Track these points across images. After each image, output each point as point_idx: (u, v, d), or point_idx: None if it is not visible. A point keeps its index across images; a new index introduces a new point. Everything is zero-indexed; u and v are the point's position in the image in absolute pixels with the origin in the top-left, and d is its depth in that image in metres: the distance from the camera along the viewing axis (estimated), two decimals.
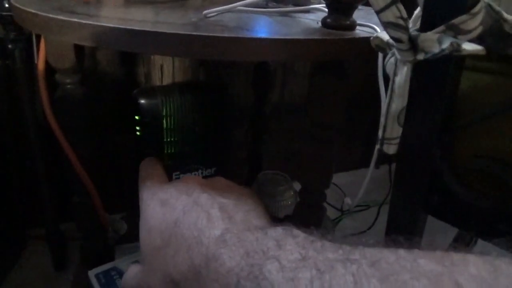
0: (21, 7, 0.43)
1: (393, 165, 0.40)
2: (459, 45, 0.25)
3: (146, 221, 0.33)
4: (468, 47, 0.25)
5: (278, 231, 0.26)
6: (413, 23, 0.33)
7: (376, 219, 0.97)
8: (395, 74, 0.32)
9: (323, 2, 0.56)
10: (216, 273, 0.25)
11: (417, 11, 0.35)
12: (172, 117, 0.69)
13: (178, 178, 0.73)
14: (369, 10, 0.60)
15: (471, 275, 0.19)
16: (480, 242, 0.57)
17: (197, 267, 0.27)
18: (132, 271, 0.34)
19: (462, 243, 0.60)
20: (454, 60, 0.29)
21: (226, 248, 0.26)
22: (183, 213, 0.30)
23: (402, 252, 0.21)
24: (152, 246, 0.31)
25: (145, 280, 0.32)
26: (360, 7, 0.45)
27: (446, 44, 0.25)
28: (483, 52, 0.26)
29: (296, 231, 0.26)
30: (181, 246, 0.29)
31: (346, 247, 0.23)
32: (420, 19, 0.30)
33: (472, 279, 0.19)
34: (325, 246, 0.24)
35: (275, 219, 0.33)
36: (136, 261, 0.35)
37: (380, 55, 0.39)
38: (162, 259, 0.30)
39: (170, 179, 0.40)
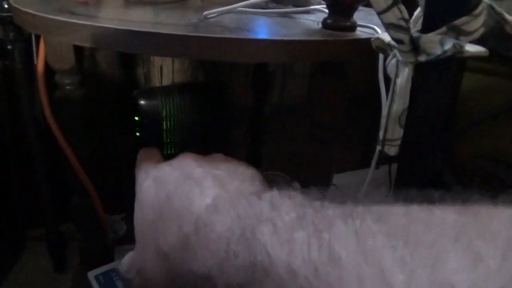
0: (20, 8, 0.43)
1: (393, 166, 0.40)
2: (461, 47, 0.25)
3: (140, 200, 0.31)
4: (471, 48, 0.25)
5: (273, 194, 0.24)
6: (413, 24, 0.33)
7: None
8: (396, 76, 0.32)
9: (323, 3, 0.56)
10: (206, 239, 0.24)
11: (417, 12, 0.35)
12: (171, 118, 0.69)
13: None
14: (369, 11, 0.60)
15: (496, 229, 0.16)
16: None
17: (186, 236, 0.25)
18: (128, 254, 0.33)
19: None
20: (455, 62, 0.29)
21: (217, 215, 0.25)
22: (175, 186, 0.29)
23: (414, 206, 0.19)
24: (144, 222, 0.30)
25: (138, 257, 0.30)
26: (360, 8, 0.45)
27: (448, 45, 0.25)
28: (486, 54, 0.25)
29: (294, 192, 0.24)
30: (171, 218, 0.27)
31: (349, 205, 0.21)
32: (420, 19, 0.30)
33: (498, 233, 0.16)
34: (325, 204, 0.22)
35: None
36: None
37: (381, 56, 0.39)
38: (154, 234, 0.28)
39: None
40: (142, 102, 0.68)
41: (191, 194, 0.28)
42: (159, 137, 0.69)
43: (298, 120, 1.05)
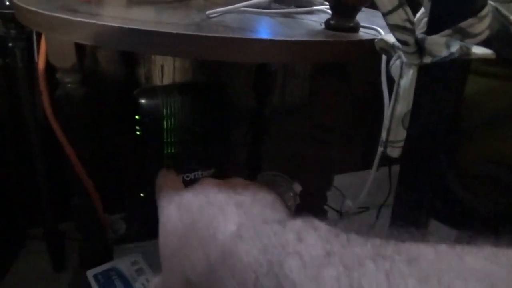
0: (23, 5, 0.43)
1: (394, 167, 0.40)
2: (468, 49, 0.25)
3: (164, 226, 0.32)
4: (478, 51, 0.25)
5: (297, 223, 0.24)
6: (417, 24, 0.33)
7: (376, 221, 0.97)
8: (400, 77, 0.32)
9: (326, 3, 0.56)
10: (233, 269, 0.24)
11: (420, 13, 0.35)
12: (172, 118, 0.69)
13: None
14: (372, 12, 0.60)
15: None
16: None
17: (213, 264, 0.26)
18: (153, 281, 0.34)
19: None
20: (460, 64, 0.29)
21: (242, 243, 0.25)
22: (199, 213, 0.30)
23: (443, 247, 0.19)
24: (169, 250, 0.31)
25: (164, 284, 0.31)
26: (363, 9, 0.45)
27: (455, 47, 0.25)
28: (493, 56, 0.25)
29: (318, 223, 0.24)
30: (197, 245, 0.28)
31: (376, 240, 0.21)
32: (422, 21, 0.30)
33: None
34: (352, 239, 0.22)
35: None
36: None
37: (384, 58, 0.39)
38: (180, 261, 0.29)
39: None
40: (142, 101, 0.68)
41: (215, 221, 0.28)
42: (159, 136, 0.69)
43: (298, 121, 1.05)
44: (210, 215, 0.29)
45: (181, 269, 0.29)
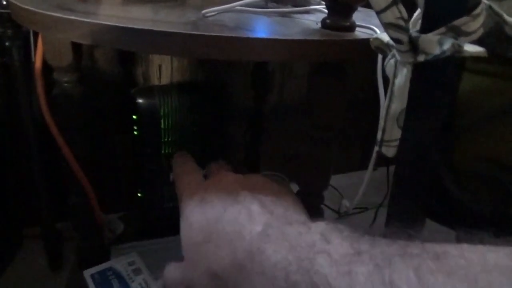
0: (19, 4, 0.43)
1: (391, 168, 0.40)
2: (460, 46, 0.25)
3: (187, 219, 0.33)
4: (470, 48, 0.25)
5: (321, 225, 0.25)
6: (412, 25, 0.33)
7: (373, 221, 0.97)
8: (395, 76, 0.32)
9: (323, 3, 0.56)
10: (261, 266, 0.25)
11: (416, 13, 0.35)
12: (170, 117, 0.69)
13: None
14: (368, 12, 0.60)
15: None
16: None
17: (240, 261, 0.27)
18: (173, 267, 0.35)
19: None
20: (454, 62, 0.29)
21: (269, 243, 0.26)
22: (224, 210, 0.31)
23: (466, 246, 0.19)
24: (193, 242, 0.32)
25: (188, 274, 0.32)
26: (359, 9, 0.45)
27: (447, 45, 0.25)
28: (485, 54, 0.25)
29: (341, 226, 0.25)
30: (223, 241, 0.29)
31: (401, 241, 0.21)
32: (419, 21, 0.30)
33: None
34: (377, 240, 0.22)
35: None
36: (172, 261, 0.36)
37: (380, 57, 0.39)
38: (204, 255, 0.30)
39: (167, 180, 0.41)
40: (140, 100, 0.68)
41: (241, 219, 0.29)
42: (157, 136, 0.69)
43: (296, 121, 1.05)
44: (234, 213, 0.30)
45: (205, 262, 0.29)
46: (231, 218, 0.30)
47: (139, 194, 0.75)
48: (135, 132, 0.70)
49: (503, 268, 0.17)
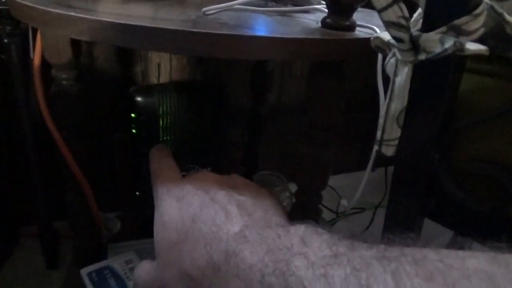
0: (18, 0, 0.43)
1: (389, 168, 0.40)
2: (462, 45, 0.25)
3: (161, 217, 0.32)
4: (471, 46, 0.25)
5: (300, 228, 0.25)
6: (413, 25, 0.33)
7: (371, 221, 0.97)
8: (395, 75, 0.32)
9: (323, 2, 0.56)
10: (237, 268, 0.24)
11: (417, 13, 0.35)
12: (168, 116, 0.69)
13: None
14: (369, 12, 0.60)
15: None
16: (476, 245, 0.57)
17: (216, 263, 0.26)
18: (144, 267, 0.33)
19: (457, 247, 0.60)
20: (455, 61, 0.29)
21: (246, 244, 0.25)
22: (200, 209, 0.30)
23: (445, 251, 0.19)
24: (167, 242, 0.31)
25: (159, 275, 0.31)
26: (359, 8, 0.45)
27: (449, 43, 0.25)
28: (487, 53, 0.25)
29: (320, 229, 0.25)
30: (198, 241, 0.28)
31: (381, 245, 0.21)
32: (420, 21, 0.30)
33: None
34: (356, 244, 0.22)
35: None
36: (147, 259, 0.35)
37: (380, 56, 0.39)
38: (178, 255, 0.29)
39: None
40: (139, 99, 0.67)
41: (217, 220, 0.28)
42: (155, 135, 0.69)
43: (295, 121, 1.05)
44: (211, 213, 0.29)
45: (179, 262, 0.29)
46: (208, 218, 0.29)
47: (136, 193, 0.74)
48: (134, 131, 0.70)
49: (482, 273, 0.17)
